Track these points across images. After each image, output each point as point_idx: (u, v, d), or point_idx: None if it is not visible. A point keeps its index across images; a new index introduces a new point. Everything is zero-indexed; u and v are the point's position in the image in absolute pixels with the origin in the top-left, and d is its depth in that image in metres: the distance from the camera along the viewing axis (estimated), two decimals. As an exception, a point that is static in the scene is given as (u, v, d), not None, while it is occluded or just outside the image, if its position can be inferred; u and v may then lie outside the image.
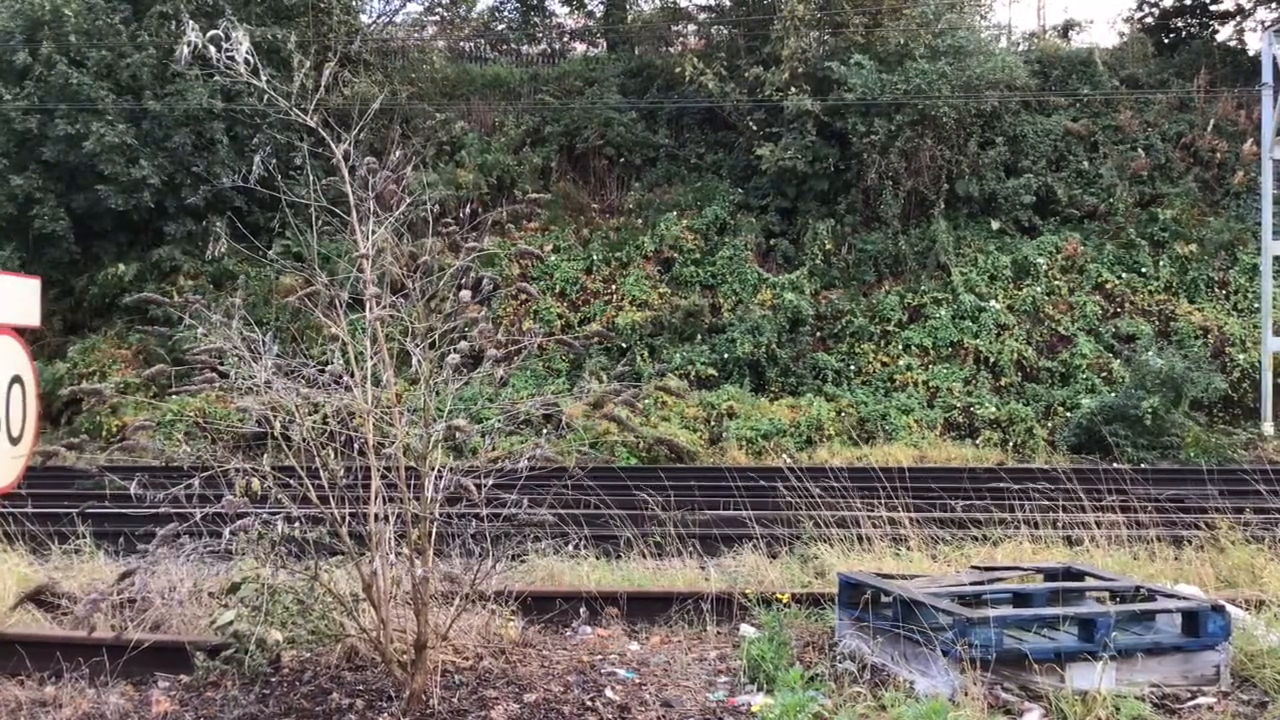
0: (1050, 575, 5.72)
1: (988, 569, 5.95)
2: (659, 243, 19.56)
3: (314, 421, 4.36)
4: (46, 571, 6.79)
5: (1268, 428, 16.91)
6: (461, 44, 26.09)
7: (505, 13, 26.78)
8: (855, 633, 5.14)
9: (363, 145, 4.89)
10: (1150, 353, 16.73)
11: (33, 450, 5.24)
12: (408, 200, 4.89)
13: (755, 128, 20.11)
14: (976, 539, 7.59)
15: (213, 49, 4.37)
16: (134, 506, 4.12)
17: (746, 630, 5.60)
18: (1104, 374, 17.54)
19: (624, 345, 18.07)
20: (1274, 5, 24.10)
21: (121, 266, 19.38)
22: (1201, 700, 4.59)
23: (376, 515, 4.36)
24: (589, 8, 26.55)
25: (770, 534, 7.76)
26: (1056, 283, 18.91)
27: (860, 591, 5.25)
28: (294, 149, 16.80)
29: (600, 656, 5.22)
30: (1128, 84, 21.69)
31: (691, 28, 24.26)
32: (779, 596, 5.83)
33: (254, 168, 15.91)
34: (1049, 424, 16.84)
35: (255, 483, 4.20)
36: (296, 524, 4.27)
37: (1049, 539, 7.36)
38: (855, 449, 15.83)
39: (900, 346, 18.24)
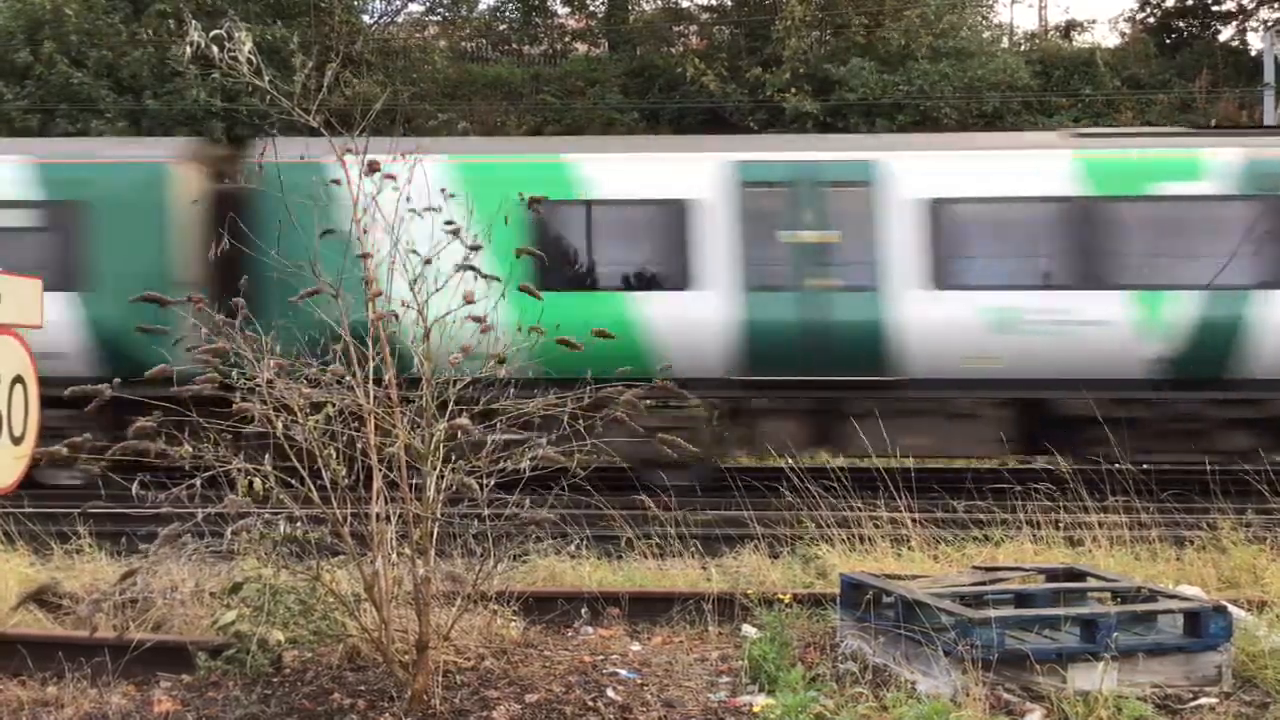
0: (1052, 576, 5.72)
1: (989, 569, 5.95)
2: (660, 243, 19.48)
3: (315, 422, 4.35)
4: (48, 571, 6.78)
5: (1269, 428, 16.85)
6: (463, 44, 26.06)
7: (507, 13, 26.76)
8: (857, 633, 5.14)
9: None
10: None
11: (34, 451, 5.24)
12: (408, 200, 4.87)
13: (756, 128, 20.07)
14: (978, 539, 7.58)
15: (215, 49, 4.36)
16: (135, 507, 4.12)
17: (748, 630, 5.59)
18: (1105, 374, 17.47)
19: (625, 345, 18.01)
20: (1276, 5, 24.07)
21: (122, 265, 19.37)
22: (1203, 701, 4.59)
23: (378, 515, 4.36)
24: (591, 8, 26.53)
25: (772, 534, 7.75)
26: (1058, 283, 18.84)
27: (862, 592, 5.24)
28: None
29: (602, 657, 5.22)
30: (1129, 84, 21.65)
31: (693, 28, 24.24)
32: (781, 597, 5.82)
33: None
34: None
35: (257, 483, 4.20)
36: (298, 524, 4.26)
37: (1051, 539, 7.35)
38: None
39: (902, 347, 18.16)
